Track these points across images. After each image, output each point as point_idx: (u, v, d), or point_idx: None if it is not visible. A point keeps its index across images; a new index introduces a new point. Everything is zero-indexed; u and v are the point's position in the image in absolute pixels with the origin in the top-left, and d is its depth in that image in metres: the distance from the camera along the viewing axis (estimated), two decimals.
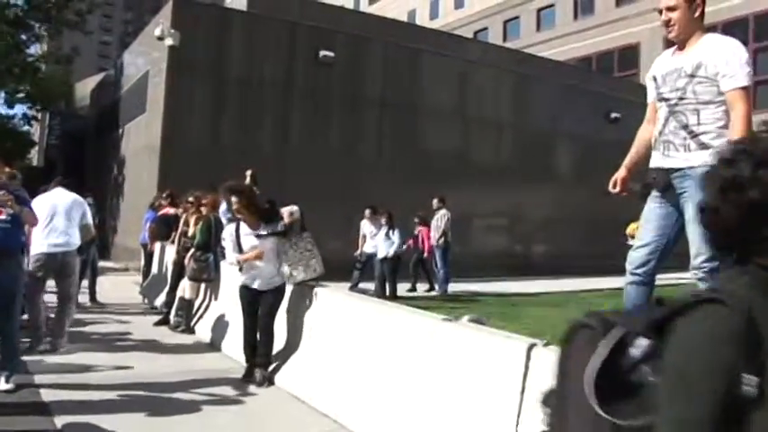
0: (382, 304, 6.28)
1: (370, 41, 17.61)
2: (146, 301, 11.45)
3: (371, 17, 22.61)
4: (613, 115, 21.72)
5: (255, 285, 6.48)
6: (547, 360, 3.89)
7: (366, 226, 13.73)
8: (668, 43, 3.90)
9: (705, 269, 3.57)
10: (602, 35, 39.95)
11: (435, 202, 14.47)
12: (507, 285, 15.14)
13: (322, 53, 16.30)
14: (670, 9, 3.80)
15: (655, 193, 3.87)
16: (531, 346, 3.96)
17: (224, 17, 16.45)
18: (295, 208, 6.54)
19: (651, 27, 34.95)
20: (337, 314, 6.04)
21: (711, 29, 3.88)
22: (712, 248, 3.43)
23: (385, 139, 17.69)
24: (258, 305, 6.43)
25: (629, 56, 38.22)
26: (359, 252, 13.72)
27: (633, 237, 8.54)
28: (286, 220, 6.47)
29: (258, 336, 6.40)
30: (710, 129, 3.64)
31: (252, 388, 6.11)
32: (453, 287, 14.02)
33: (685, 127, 3.71)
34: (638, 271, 3.85)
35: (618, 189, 4.03)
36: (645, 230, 3.88)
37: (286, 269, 6.33)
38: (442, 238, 14.14)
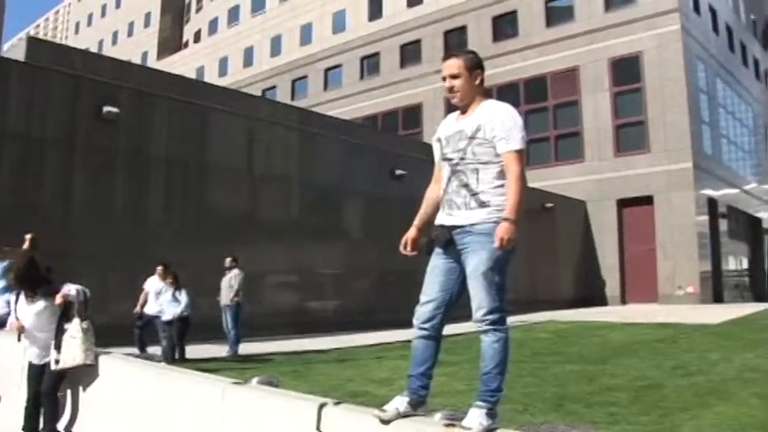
0: (170, 370, 6.10)
1: (156, 97, 17.20)
2: None
3: (159, 73, 22.15)
4: (398, 172, 22.43)
5: (33, 359, 6.18)
6: (338, 418, 3.93)
7: (154, 283, 13.10)
8: (449, 105, 4.15)
9: (487, 321, 3.77)
10: (388, 95, 41.62)
11: (228, 261, 14.27)
12: (300, 343, 15.13)
13: (106, 109, 15.66)
14: (453, 77, 4.06)
15: (438, 250, 4.05)
16: (322, 406, 3.99)
17: None
18: (73, 292, 6.16)
19: (433, 88, 36.93)
20: (123, 383, 5.79)
21: (488, 91, 4.17)
22: (493, 302, 3.67)
23: (173, 197, 17.26)
24: (42, 378, 6.09)
25: (412, 115, 40.06)
26: (137, 310, 13.01)
27: None
28: (58, 300, 6.13)
29: (42, 410, 6.04)
30: (489, 188, 3.87)
31: None
32: (245, 348, 13.80)
33: (466, 186, 3.92)
34: (426, 325, 3.97)
35: (409, 249, 4.16)
36: (429, 286, 4.03)
37: (61, 353, 6.02)
38: (236, 298, 13.97)
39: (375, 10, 44.61)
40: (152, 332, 12.89)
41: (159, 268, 13.08)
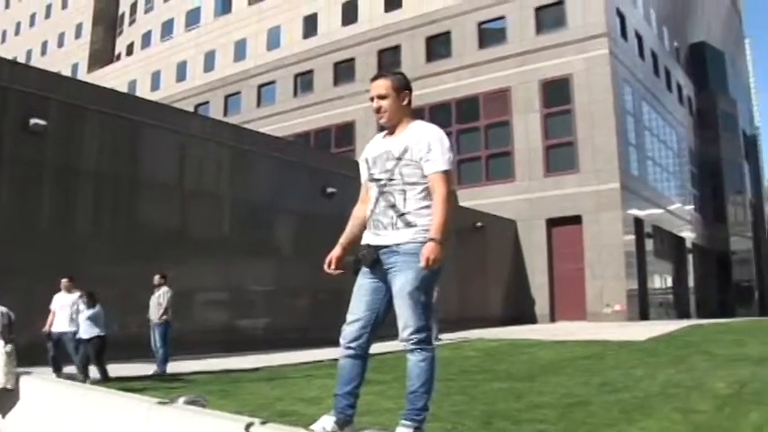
0: (91, 389, 5.97)
1: (86, 111, 16.84)
2: None
3: (89, 86, 21.68)
4: (329, 190, 22.40)
5: None
6: None
7: (63, 299, 12.40)
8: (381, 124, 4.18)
9: (413, 341, 3.81)
10: (321, 112, 41.59)
11: (157, 278, 14.02)
12: (229, 361, 14.94)
13: (33, 121, 15.30)
14: (381, 97, 4.10)
15: (364, 269, 4.06)
16: (249, 425, 3.95)
17: None
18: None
19: (365, 107, 36.88)
20: (44, 404, 5.64)
21: (420, 111, 4.22)
22: (419, 321, 3.71)
23: (102, 212, 16.92)
24: None
25: (345, 133, 40.09)
26: (46, 329, 12.20)
27: None
28: None
29: None
30: (415, 208, 3.91)
31: None
32: (174, 366, 13.56)
33: (393, 206, 3.95)
34: (352, 345, 3.99)
35: (333, 268, 4.17)
36: (356, 305, 4.05)
37: None
38: (164, 316, 13.74)
39: (310, 27, 44.66)
40: (65, 351, 12.26)
41: (64, 281, 12.45)
